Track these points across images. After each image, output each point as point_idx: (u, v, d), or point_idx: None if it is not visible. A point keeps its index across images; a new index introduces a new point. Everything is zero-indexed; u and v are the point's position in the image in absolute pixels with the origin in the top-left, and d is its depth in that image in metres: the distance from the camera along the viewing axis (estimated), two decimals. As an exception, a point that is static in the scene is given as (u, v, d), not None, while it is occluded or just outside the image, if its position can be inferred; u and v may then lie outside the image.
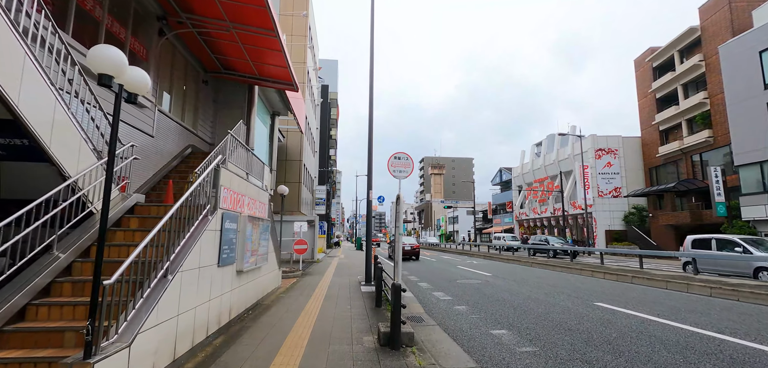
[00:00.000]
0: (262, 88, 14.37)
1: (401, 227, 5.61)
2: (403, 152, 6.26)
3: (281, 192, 13.21)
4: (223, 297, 5.88)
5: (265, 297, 8.90)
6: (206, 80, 12.63)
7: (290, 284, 11.84)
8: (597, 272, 15.16)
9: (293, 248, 15.11)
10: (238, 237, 6.50)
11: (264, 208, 8.69)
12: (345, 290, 10.81)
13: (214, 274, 5.46)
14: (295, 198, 23.66)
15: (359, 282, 12.73)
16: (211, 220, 5.31)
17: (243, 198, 6.91)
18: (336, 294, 9.93)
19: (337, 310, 7.90)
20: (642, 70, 36.32)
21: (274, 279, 9.99)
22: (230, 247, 6.07)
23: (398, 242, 5.55)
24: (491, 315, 7.83)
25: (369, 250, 12.66)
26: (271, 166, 17.05)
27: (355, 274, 14.97)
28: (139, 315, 3.63)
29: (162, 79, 9.88)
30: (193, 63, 11.70)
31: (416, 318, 7.22)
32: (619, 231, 35.17)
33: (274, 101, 16.12)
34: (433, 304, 9.15)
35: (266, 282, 8.99)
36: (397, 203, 5.77)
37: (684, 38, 31.20)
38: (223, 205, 5.73)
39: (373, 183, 12.78)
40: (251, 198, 7.57)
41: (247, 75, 12.89)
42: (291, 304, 8.45)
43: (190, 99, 11.83)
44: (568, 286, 12.17)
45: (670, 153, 31.99)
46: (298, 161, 24.28)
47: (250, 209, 7.50)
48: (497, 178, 61.61)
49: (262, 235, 8.22)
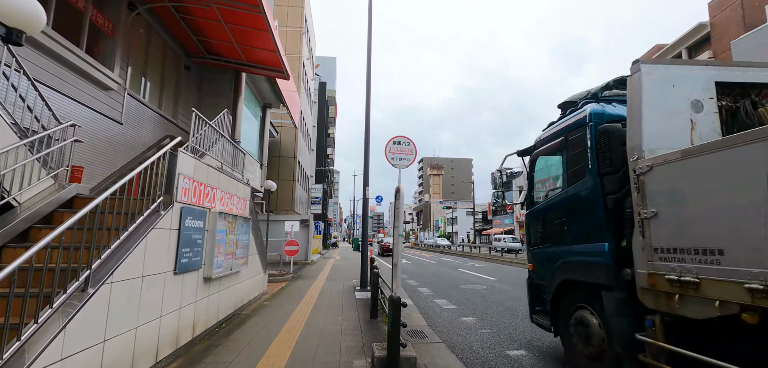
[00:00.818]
0: (250, 77, 13.29)
1: (401, 226, 4.56)
2: (403, 135, 5.22)
3: (268, 188, 12.13)
4: (184, 311, 4.81)
5: (246, 306, 7.83)
6: (188, 66, 11.54)
7: (278, 289, 10.77)
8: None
9: (283, 250, 14.03)
10: (205, 238, 5.43)
11: (245, 204, 7.62)
12: (337, 297, 9.74)
13: (168, 283, 4.39)
14: (288, 196, 22.59)
15: (354, 286, 11.66)
16: (163, 216, 4.24)
17: (214, 192, 5.84)
18: (327, 302, 8.86)
19: (326, 322, 6.83)
20: (648, 69, 35.36)
21: (258, 284, 8.92)
22: (194, 249, 5.00)
23: (397, 244, 4.50)
24: (504, 330, 6.78)
25: (365, 252, 11.61)
26: (262, 161, 15.96)
27: (349, 277, 13.90)
28: (32, 346, 2.56)
29: (135, 60, 8.80)
30: (172, 46, 10.61)
31: (418, 333, 6.17)
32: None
33: (265, 92, 15.04)
34: (436, 314, 8.09)
35: (247, 289, 7.92)
36: (397, 197, 4.71)
37: (692, 35, 30.29)
38: (182, 198, 4.66)
39: (370, 183, 11.76)
40: (227, 192, 6.50)
41: (234, 60, 11.80)
42: (274, 314, 7.38)
43: (169, 85, 10.75)
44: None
45: (677, 153, 31.02)
46: (293, 157, 23.21)
47: (226, 204, 6.44)
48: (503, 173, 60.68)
49: (241, 235, 7.15)
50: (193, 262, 4.99)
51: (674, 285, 2.81)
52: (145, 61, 9.48)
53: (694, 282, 2.66)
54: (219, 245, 5.92)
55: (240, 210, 7.28)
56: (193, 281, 5.09)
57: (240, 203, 7.30)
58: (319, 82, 44.78)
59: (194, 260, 5.04)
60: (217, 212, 5.67)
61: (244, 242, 7.33)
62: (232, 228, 6.60)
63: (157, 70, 10.14)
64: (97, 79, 7.23)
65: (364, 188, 11.80)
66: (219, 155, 8.12)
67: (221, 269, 6.07)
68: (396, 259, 4.43)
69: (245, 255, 7.43)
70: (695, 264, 2.69)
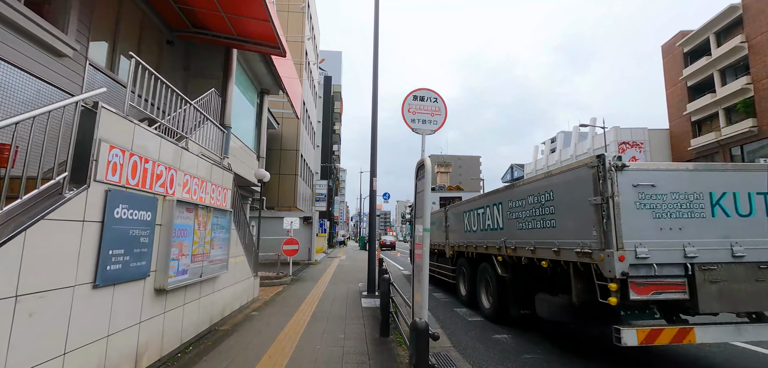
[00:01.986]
0: (244, 57, 11.87)
1: (427, 219, 3.06)
2: (428, 88, 3.74)
3: (260, 178, 10.70)
4: (117, 339, 3.38)
5: (227, 319, 6.40)
6: (171, 40, 10.13)
7: (272, 294, 9.33)
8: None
9: (282, 249, 12.61)
10: (156, 235, 4.00)
11: (225, 194, 6.19)
12: (340, 304, 8.28)
13: (81, 301, 2.96)
14: (290, 192, 21.21)
15: (360, 291, 10.20)
16: (67, 201, 2.80)
17: (172, 173, 4.40)
18: (327, 312, 7.40)
19: (325, 342, 5.37)
20: (671, 57, 33.34)
21: (245, 290, 7.49)
22: (133, 251, 3.56)
23: (424, 245, 3.00)
24: (550, 352, 5.25)
25: (372, 252, 10.14)
26: (259, 152, 14.56)
27: (355, 280, 12.44)
28: None
29: (102, 28, 7.41)
30: (151, 16, 9.20)
31: (442, 358, 4.66)
32: (645, 231, 32.23)
33: (262, 75, 13.61)
34: (460, 328, 6.58)
35: (228, 298, 6.49)
36: (421, 176, 3.22)
37: (722, 18, 28.24)
38: (108, 177, 3.22)
39: (376, 180, 10.30)
40: (195, 176, 5.06)
41: (223, 35, 10.37)
42: (261, 330, 5.94)
43: (148, 63, 9.30)
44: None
45: (705, 146, 29.03)
46: (295, 150, 21.81)
47: (194, 192, 5.01)
48: (508, 175, 58.80)
49: (218, 232, 5.72)
50: (131, 269, 3.54)
51: None
52: (115, 32, 8.08)
53: None
54: (181, 244, 4.48)
55: (217, 201, 5.85)
56: (133, 294, 3.65)
57: (217, 191, 5.86)
58: (325, 76, 43.41)
59: (134, 266, 3.60)
60: (175, 200, 4.22)
61: (222, 241, 5.89)
62: (203, 223, 5.16)
63: (133, 44, 8.74)
64: (42, 40, 5.83)
65: (372, 180, 10.33)
66: (203, 141, 6.72)
67: (186, 275, 4.63)
68: (421, 274, 2.94)
69: (224, 257, 5.99)
70: None
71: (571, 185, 4.83)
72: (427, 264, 3.06)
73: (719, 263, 4.13)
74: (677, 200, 4.26)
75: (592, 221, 4.29)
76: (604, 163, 4.23)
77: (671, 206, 4.23)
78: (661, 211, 4.19)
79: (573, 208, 4.76)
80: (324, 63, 46.11)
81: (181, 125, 6.52)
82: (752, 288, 4.10)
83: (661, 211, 4.19)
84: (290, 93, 15.84)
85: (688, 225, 4.20)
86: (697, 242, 4.14)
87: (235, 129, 11.66)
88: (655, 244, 4.07)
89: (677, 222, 4.21)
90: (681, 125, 32.09)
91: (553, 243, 5.08)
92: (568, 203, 4.90)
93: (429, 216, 3.13)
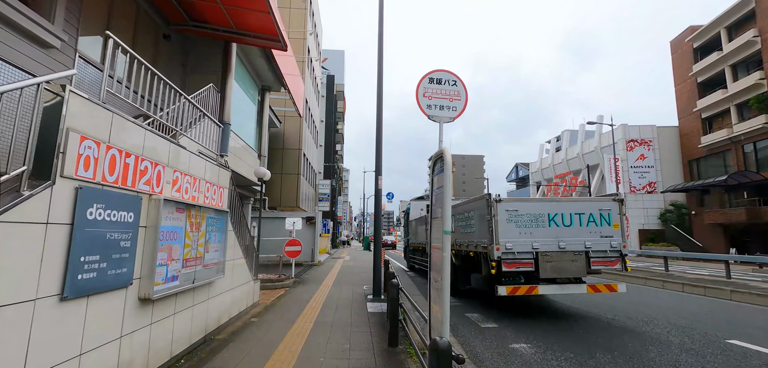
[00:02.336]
0: (244, 53, 11.47)
1: (448, 218, 2.62)
2: (446, 70, 3.26)
3: (260, 176, 10.29)
4: (90, 358, 2.96)
5: (224, 327, 5.99)
6: (168, 35, 9.75)
7: (273, 298, 8.92)
8: (652, 280, 11.97)
9: (284, 250, 12.20)
10: (140, 238, 3.58)
11: (221, 193, 5.77)
12: (345, 309, 7.85)
13: (45, 317, 2.54)
14: (292, 192, 20.82)
15: (365, 294, 9.77)
16: (31, 199, 2.39)
17: (159, 170, 3.98)
18: (331, 318, 6.97)
19: (329, 352, 4.94)
20: (680, 53, 32.66)
21: (244, 295, 7.07)
22: (112, 256, 3.15)
23: (444, 250, 2.56)
24: (577, 364, 4.80)
25: (378, 253, 9.71)
26: (260, 151, 14.16)
27: (360, 282, 12.01)
28: None
29: (93, 20, 7.03)
30: (146, 8, 8.82)
31: None
32: (654, 231, 31.60)
33: (263, 71, 13.20)
34: (473, 335, 6.13)
35: (226, 304, 6.08)
36: (439, 169, 2.78)
37: (733, 13, 27.58)
38: (79, 172, 2.81)
39: (381, 178, 9.89)
40: (186, 174, 4.65)
41: (222, 28, 9.96)
42: (260, 339, 5.51)
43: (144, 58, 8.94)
44: (640, 303, 9.06)
45: (716, 143, 28.35)
46: (297, 149, 21.41)
47: (185, 190, 4.59)
48: (513, 174, 58.15)
49: (213, 234, 5.30)
50: (109, 277, 3.13)
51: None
52: (107, 24, 7.69)
53: None
54: (170, 248, 4.06)
55: (213, 200, 5.43)
56: (113, 306, 3.24)
57: (213, 190, 5.45)
58: (327, 75, 43.00)
59: (113, 274, 3.18)
60: (162, 199, 3.80)
61: (218, 244, 5.47)
62: (196, 224, 4.74)
63: (127, 38, 8.36)
64: (26, 30, 5.45)
65: (377, 179, 9.90)
66: (201, 139, 6.30)
67: (176, 282, 4.21)
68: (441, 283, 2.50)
69: (221, 260, 5.57)
70: None
71: (479, 209, 7.92)
72: (448, 272, 2.61)
73: (551, 251, 7.25)
74: (530, 218, 7.33)
75: (487, 229, 7.27)
76: (490, 198, 7.25)
77: (526, 221, 7.31)
78: (521, 223, 7.24)
79: (480, 221, 7.83)
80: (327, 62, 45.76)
81: (176, 120, 6.12)
82: (569, 265, 7.28)
83: (521, 223, 7.24)
84: (292, 90, 15.43)
85: (535, 231, 7.29)
86: (540, 240, 7.25)
87: (236, 127, 11.26)
88: (516, 241, 7.14)
89: (529, 230, 7.29)
90: (691, 122, 31.41)
91: (473, 242, 8.25)
92: (478, 218, 7.98)
93: (449, 215, 2.69)
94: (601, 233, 7.44)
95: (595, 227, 7.46)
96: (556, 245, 7.21)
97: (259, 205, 17.48)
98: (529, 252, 7.12)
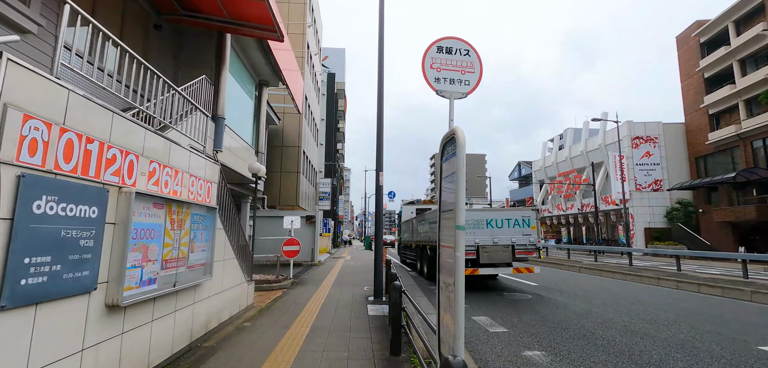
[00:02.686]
0: (239, 45, 11.01)
1: (461, 211, 2.17)
2: (456, 37, 2.82)
3: (254, 172, 9.85)
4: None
5: (213, 333, 5.55)
6: (159, 25, 9.32)
7: (270, 300, 8.48)
8: (665, 280, 11.48)
9: (282, 250, 11.75)
10: (106, 236, 3.14)
11: (208, 188, 5.32)
12: (345, 311, 7.40)
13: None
14: (292, 190, 20.39)
15: (366, 295, 9.32)
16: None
17: (131, 160, 3.53)
18: (330, 322, 6.52)
19: (324, 363, 4.49)
20: (686, 48, 32.08)
21: (236, 298, 6.63)
22: (69, 257, 2.71)
23: (460, 248, 2.11)
24: (601, 377, 4.34)
25: (378, 252, 9.26)
26: (257, 147, 13.73)
27: (360, 283, 11.56)
28: None
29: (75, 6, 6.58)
30: (135, -4, 8.40)
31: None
32: (660, 229, 31.05)
33: (259, 65, 12.75)
34: (483, 342, 5.67)
35: (215, 308, 5.63)
36: (450, 153, 2.33)
37: (741, 7, 26.99)
38: (27, 158, 2.36)
39: (383, 174, 9.45)
40: (165, 166, 4.20)
41: (215, 17, 9.50)
42: (252, 345, 5.07)
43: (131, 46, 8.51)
44: (657, 304, 8.58)
45: (724, 140, 27.79)
46: (297, 147, 20.97)
47: (163, 184, 4.14)
48: (516, 173, 57.59)
49: (199, 232, 4.86)
50: (65, 282, 2.68)
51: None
52: (92, 12, 7.25)
53: None
54: (146, 247, 3.61)
55: (199, 195, 4.98)
56: (71, 314, 2.79)
57: (199, 184, 5.00)
58: (328, 73, 42.55)
59: (70, 278, 2.74)
60: (133, 192, 3.35)
61: (204, 244, 5.03)
62: (178, 222, 4.29)
63: (115, 27, 7.93)
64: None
65: (378, 174, 9.45)
66: (192, 133, 5.86)
67: (153, 286, 3.77)
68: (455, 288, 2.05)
69: (208, 261, 5.12)
70: None
71: (433, 215, 10.37)
72: (462, 275, 2.15)
73: (488, 245, 10.02)
74: (474, 222, 10.18)
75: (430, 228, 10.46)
76: (428, 210, 11.52)
77: (470, 224, 10.06)
78: (467, 226, 9.48)
79: (435, 224, 9.69)
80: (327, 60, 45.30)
81: (164, 113, 5.68)
82: (501, 254, 10.01)
83: (467, 226, 9.48)
84: (291, 86, 14.98)
85: (477, 232, 10.07)
86: (480, 238, 10.04)
87: (232, 123, 10.83)
88: None
89: (472, 230, 10.07)
90: (697, 118, 30.85)
91: (436, 239, 9.67)
92: (433, 221, 10.26)
93: (463, 207, 2.23)
94: (523, 233, 10.35)
95: (519, 229, 10.36)
96: (491, 241, 10.19)
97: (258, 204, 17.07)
98: (473, 245, 10.08)
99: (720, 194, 28.02)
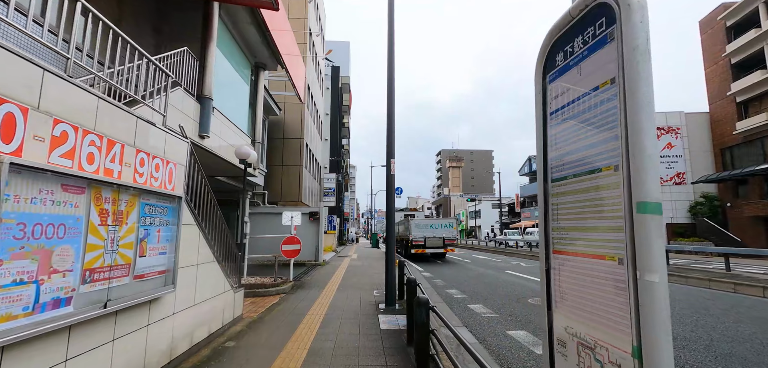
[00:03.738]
0: (229, 15, 9.70)
1: (652, 175, 0.86)
2: None
3: (242, 156, 8.56)
4: None
5: (184, 359, 4.27)
6: (135, -11, 8.11)
7: (263, 310, 7.22)
8: (718, 282, 10.03)
9: (280, 250, 10.49)
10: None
11: (168, 171, 4.03)
12: (351, 323, 6.11)
13: None
14: (294, 185, 19.15)
15: (376, 303, 8.02)
16: None
17: (11, 114, 2.25)
18: (333, 340, 5.23)
19: (325, 411, 3.19)
20: (711, 32, 30.27)
21: (218, 311, 5.35)
22: None
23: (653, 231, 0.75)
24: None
25: (390, 252, 7.97)
26: (254, 136, 12.47)
27: (369, 286, 10.27)
28: None
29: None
30: (105, -46, 7.13)
31: None
32: (683, 225, 29.37)
33: (255, 45, 11.45)
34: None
35: (184, 326, 4.36)
36: (573, 52, 0.98)
37: (774, -15, 25.13)
38: None
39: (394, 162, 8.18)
40: (90, 132, 2.91)
41: (198, -18, 8.27)
42: (228, 379, 3.80)
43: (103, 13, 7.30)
44: (724, 312, 7.19)
45: (754, 129, 26.01)
46: (299, 139, 19.71)
47: (85, 157, 2.85)
48: (526, 168, 55.91)
49: (152, 229, 3.58)
50: None
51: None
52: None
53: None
54: (45, 252, 2.35)
55: (153, 179, 3.69)
56: None
57: (153, 165, 3.71)
58: (332, 66, 41.21)
59: None
60: (6, 162, 2.08)
61: (164, 244, 3.75)
62: (115, 213, 3.01)
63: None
64: None
65: (389, 162, 8.14)
66: (170, 113, 4.58)
67: (66, 309, 2.49)
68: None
69: (169, 268, 3.84)
70: None
71: (406, 221, 21.88)
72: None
73: (430, 236, 20.16)
74: (424, 225, 20.64)
75: (406, 229, 21.32)
76: (408, 217, 22.07)
77: (422, 226, 20.49)
78: (419, 227, 20.31)
79: (406, 226, 21.67)
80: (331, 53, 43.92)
81: (132, 85, 4.42)
82: (438, 243, 20.17)
83: (419, 227, 20.31)
84: (291, 71, 13.68)
85: (426, 230, 20.35)
86: (426, 233, 20.18)
87: (224, 108, 9.56)
88: (417, 234, 19.96)
89: (422, 229, 20.31)
90: (723, 107, 29.06)
91: (405, 235, 21.51)
92: (405, 225, 21.81)
93: (656, 165, 0.90)
94: (449, 231, 20.38)
95: (448, 229, 20.48)
96: (432, 234, 19.93)
97: (257, 199, 15.82)
98: (422, 238, 19.78)
99: (750, 187, 26.27)
